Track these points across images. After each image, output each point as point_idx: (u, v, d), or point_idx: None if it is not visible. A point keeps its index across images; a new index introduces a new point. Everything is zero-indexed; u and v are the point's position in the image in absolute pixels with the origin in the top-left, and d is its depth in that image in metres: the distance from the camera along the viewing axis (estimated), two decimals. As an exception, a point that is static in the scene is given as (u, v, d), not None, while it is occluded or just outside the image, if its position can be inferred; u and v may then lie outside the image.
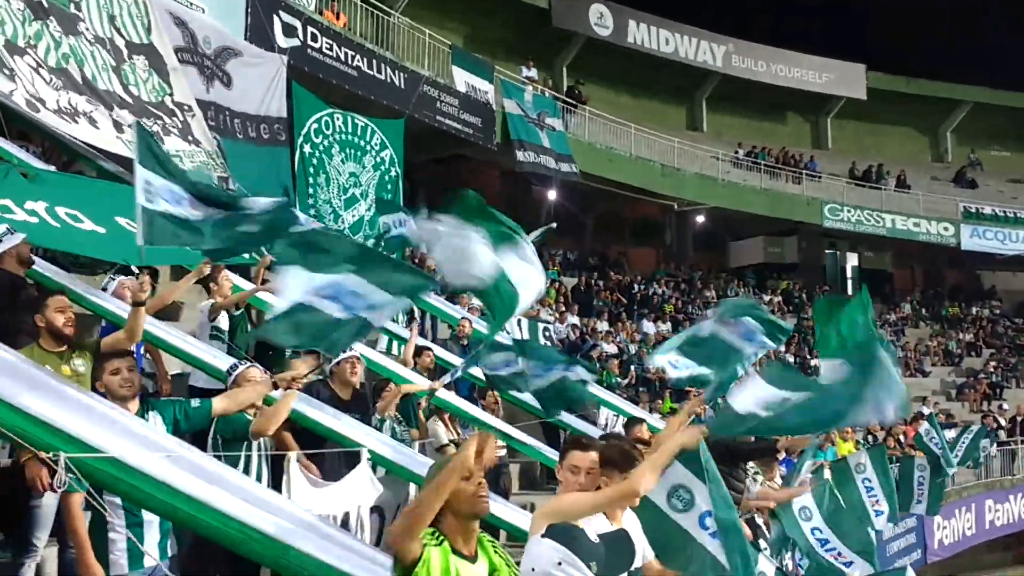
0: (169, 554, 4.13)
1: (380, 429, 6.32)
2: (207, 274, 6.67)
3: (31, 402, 3.08)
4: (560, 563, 2.40)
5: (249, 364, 5.38)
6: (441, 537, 2.88)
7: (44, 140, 9.27)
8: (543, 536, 2.50)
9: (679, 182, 25.42)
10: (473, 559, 2.94)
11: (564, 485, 3.57)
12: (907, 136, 35.21)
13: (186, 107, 10.43)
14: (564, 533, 2.48)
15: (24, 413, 3.05)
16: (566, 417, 8.96)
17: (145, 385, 5.76)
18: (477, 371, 7.84)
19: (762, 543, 6.41)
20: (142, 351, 6.31)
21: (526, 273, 5.30)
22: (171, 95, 10.30)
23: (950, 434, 11.29)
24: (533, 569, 2.74)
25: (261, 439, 5.01)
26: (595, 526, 2.81)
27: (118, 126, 9.21)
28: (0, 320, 4.99)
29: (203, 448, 4.44)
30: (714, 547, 4.37)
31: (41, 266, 5.82)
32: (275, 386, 4.77)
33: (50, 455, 3.03)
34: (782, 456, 8.03)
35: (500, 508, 5.16)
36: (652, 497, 4.42)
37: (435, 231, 4.89)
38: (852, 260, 32.12)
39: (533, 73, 23.88)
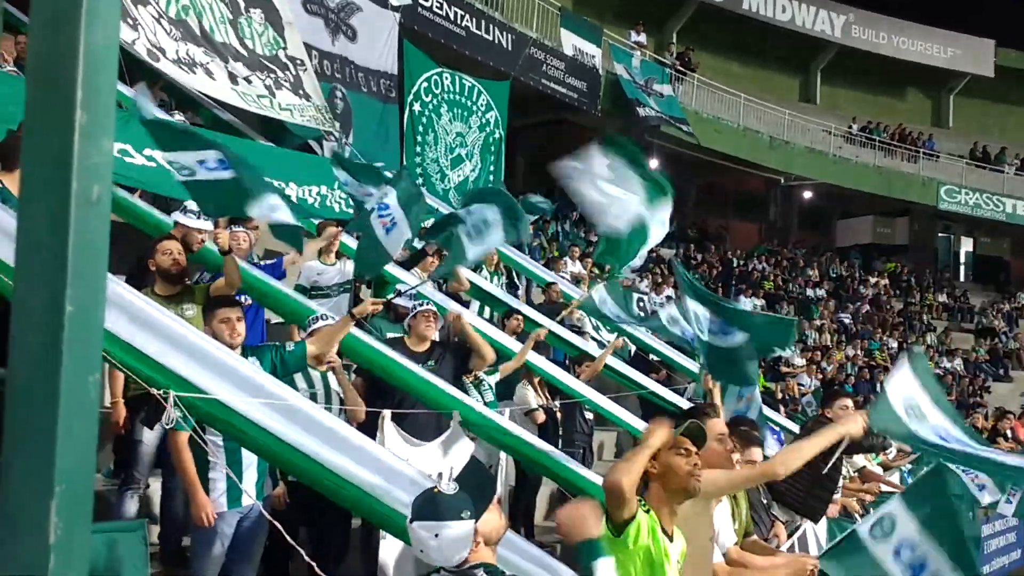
0: (265, 494, 4.27)
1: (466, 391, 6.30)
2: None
3: (144, 341, 3.18)
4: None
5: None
6: (648, 507, 2.87)
7: (162, 89, 9.56)
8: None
9: (788, 156, 24.70)
10: (671, 537, 2.93)
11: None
12: (1035, 117, 33.33)
13: (299, 61, 10.61)
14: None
15: (137, 352, 3.16)
16: (656, 387, 8.84)
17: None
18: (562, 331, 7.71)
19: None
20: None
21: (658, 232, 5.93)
22: (284, 49, 10.49)
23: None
24: None
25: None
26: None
27: (232, 78, 9.45)
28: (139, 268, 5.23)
29: None
30: None
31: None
32: (353, 318, 4.84)
33: (161, 392, 3.15)
34: None
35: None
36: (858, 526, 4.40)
37: (588, 172, 5.34)
38: (966, 245, 30.76)
39: (642, 38, 23.35)
